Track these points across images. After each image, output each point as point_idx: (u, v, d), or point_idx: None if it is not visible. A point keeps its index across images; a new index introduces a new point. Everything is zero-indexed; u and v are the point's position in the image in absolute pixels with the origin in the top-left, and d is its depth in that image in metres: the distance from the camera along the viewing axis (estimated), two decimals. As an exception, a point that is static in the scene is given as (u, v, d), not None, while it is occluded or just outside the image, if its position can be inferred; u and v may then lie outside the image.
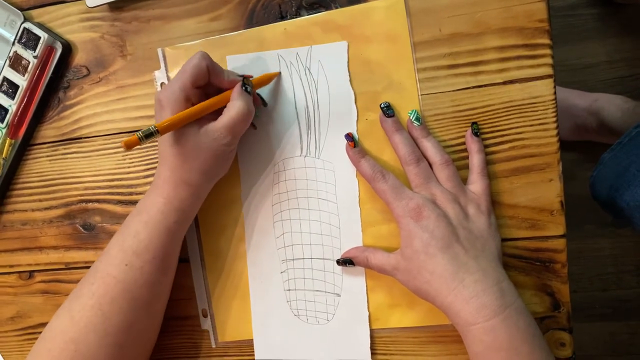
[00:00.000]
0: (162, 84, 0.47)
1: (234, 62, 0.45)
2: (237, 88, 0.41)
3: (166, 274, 0.43)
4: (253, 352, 0.47)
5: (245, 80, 0.42)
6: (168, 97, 0.39)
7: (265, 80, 0.44)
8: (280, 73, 0.45)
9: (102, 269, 0.41)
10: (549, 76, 0.42)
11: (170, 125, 0.37)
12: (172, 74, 0.47)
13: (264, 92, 0.45)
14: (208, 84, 0.41)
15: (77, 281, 0.50)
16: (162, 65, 0.47)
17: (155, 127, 0.36)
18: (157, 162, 0.48)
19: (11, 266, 0.52)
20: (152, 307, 0.43)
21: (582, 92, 0.95)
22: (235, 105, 0.40)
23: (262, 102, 0.45)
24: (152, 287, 0.42)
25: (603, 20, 0.99)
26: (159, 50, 0.47)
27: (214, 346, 0.48)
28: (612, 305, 1.02)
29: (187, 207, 0.42)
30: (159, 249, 0.41)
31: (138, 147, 0.47)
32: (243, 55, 0.45)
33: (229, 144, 0.41)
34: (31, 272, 0.52)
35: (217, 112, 0.41)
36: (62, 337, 0.40)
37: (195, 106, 0.39)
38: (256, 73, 0.45)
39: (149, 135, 0.35)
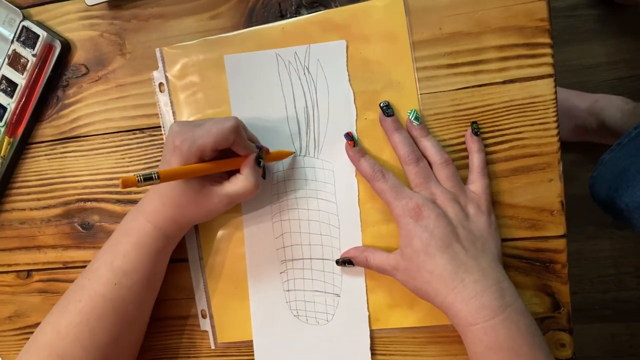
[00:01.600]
0: (160, 84, 0.47)
1: (232, 61, 0.45)
2: (251, 162, 0.41)
3: (152, 291, 0.45)
4: (252, 353, 0.47)
5: (260, 153, 0.41)
6: (183, 149, 0.39)
7: (279, 157, 0.44)
8: (295, 153, 0.45)
9: (89, 287, 0.42)
10: (549, 75, 0.41)
11: (173, 176, 0.37)
12: (170, 74, 0.47)
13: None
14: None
15: (74, 280, 0.50)
16: (160, 65, 0.47)
17: (157, 174, 0.35)
18: (156, 161, 0.48)
19: (9, 265, 0.52)
20: (138, 321, 0.45)
21: (583, 93, 0.95)
22: (245, 181, 0.40)
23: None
24: (139, 304, 0.43)
25: (603, 21, 0.99)
26: (157, 50, 0.47)
27: (213, 347, 0.48)
28: (612, 306, 1.02)
29: (174, 235, 0.43)
30: (147, 269, 0.42)
31: (135, 152, 0.48)
32: (241, 54, 0.45)
33: (223, 209, 0.42)
34: (29, 271, 0.52)
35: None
36: (49, 351, 0.40)
37: (204, 165, 0.39)
38: (255, 73, 0.45)
39: (148, 179, 0.35)
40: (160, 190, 0.41)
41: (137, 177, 0.34)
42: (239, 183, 0.40)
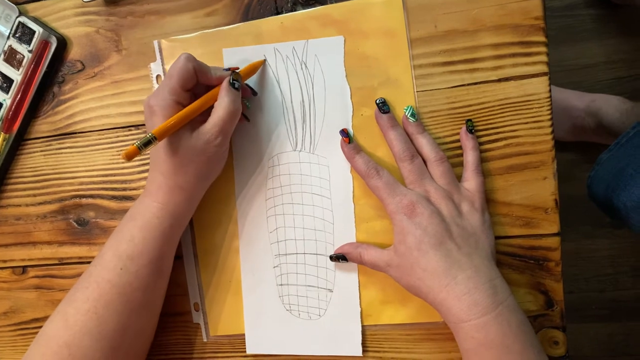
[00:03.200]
0: (157, 76, 0.47)
1: (230, 55, 0.45)
2: (224, 85, 0.41)
3: (161, 276, 0.44)
4: (245, 346, 0.47)
5: (233, 74, 0.41)
6: (158, 103, 0.39)
7: (252, 70, 0.44)
8: (265, 60, 0.45)
9: (96, 274, 0.41)
10: (544, 74, 0.42)
11: (165, 130, 0.37)
12: (168, 67, 0.47)
13: (254, 83, 0.45)
14: (196, 84, 0.41)
15: (70, 277, 0.51)
16: (158, 57, 0.47)
17: (152, 134, 0.36)
18: (151, 157, 0.48)
19: (4, 261, 0.52)
20: (147, 309, 0.43)
21: (580, 92, 0.95)
22: (222, 104, 0.40)
23: (252, 91, 0.45)
24: (147, 290, 0.42)
25: (601, 21, 0.99)
26: (155, 43, 0.47)
27: (205, 340, 0.48)
28: (609, 306, 1.02)
29: (181, 211, 0.42)
30: (154, 253, 0.41)
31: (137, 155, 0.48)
32: (239, 48, 0.45)
33: (220, 144, 0.41)
34: (24, 267, 0.52)
35: (207, 113, 0.41)
36: (56, 342, 0.40)
37: (186, 108, 0.39)
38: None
39: (147, 143, 0.36)
40: (157, 164, 0.41)
41: (137, 144, 0.35)
42: (219, 109, 0.40)
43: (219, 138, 0.40)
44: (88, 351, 0.39)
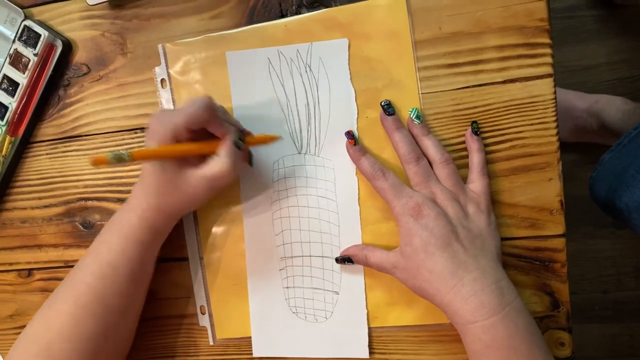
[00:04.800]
0: (162, 80, 0.47)
1: (234, 58, 0.45)
2: (227, 144, 0.39)
3: (140, 285, 0.44)
4: (251, 349, 0.47)
5: (240, 135, 0.40)
6: (158, 130, 0.39)
7: (263, 140, 0.43)
8: (280, 137, 0.44)
9: (76, 278, 0.42)
10: (549, 75, 0.42)
11: (143, 156, 0.37)
12: (173, 71, 0.47)
13: (253, 91, 0.45)
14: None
15: (76, 279, 0.50)
16: (163, 61, 0.47)
17: (128, 152, 0.35)
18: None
19: (10, 264, 0.52)
20: (125, 315, 0.44)
21: (582, 93, 0.95)
22: (219, 163, 0.39)
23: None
24: (125, 297, 0.43)
25: (603, 21, 0.99)
26: (160, 47, 0.47)
27: (211, 343, 0.48)
28: (612, 307, 1.02)
29: (161, 228, 0.43)
30: (133, 262, 0.42)
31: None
32: (243, 51, 0.45)
33: (204, 195, 0.41)
34: (30, 270, 0.52)
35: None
36: (37, 344, 0.40)
37: (178, 146, 0.39)
38: (257, 70, 0.45)
39: (119, 159, 0.35)
40: (143, 180, 0.41)
41: (109, 155, 0.34)
42: (215, 165, 0.39)
43: (205, 190, 0.40)
44: (67, 353, 0.40)
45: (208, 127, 0.40)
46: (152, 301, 0.48)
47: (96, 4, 0.47)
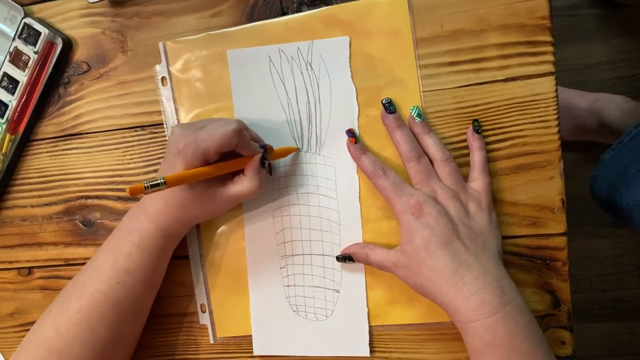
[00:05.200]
0: (162, 78, 0.47)
1: (235, 56, 0.45)
2: (255, 163, 0.41)
3: (153, 288, 0.45)
4: (252, 348, 0.47)
5: (265, 153, 0.42)
6: (187, 151, 0.39)
7: (283, 153, 0.44)
8: (299, 149, 0.45)
9: (90, 285, 0.42)
10: (550, 73, 0.42)
11: (179, 181, 0.37)
12: (173, 69, 0.47)
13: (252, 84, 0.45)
14: None
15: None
16: (163, 59, 0.47)
17: (164, 179, 0.36)
18: (157, 158, 0.48)
19: (10, 262, 0.52)
20: (137, 318, 0.45)
21: (583, 92, 0.95)
22: (249, 182, 0.41)
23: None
24: (139, 302, 0.44)
25: (604, 20, 0.99)
26: (160, 45, 0.47)
27: (212, 342, 0.48)
28: (612, 305, 1.02)
29: (176, 235, 0.44)
30: (149, 268, 0.42)
31: (136, 150, 0.49)
32: (244, 49, 0.45)
33: (228, 208, 0.43)
34: (30, 268, 0.52)
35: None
36: (47, 349, 0.40)
37: (209, 168, 0.39)
38: (258, 68, 0.45)
39: (155, 186, 0.35)
40: (164, 193, 0.41)
41: (145, 184, 0.34)
42: (244, 184, 0.41)
43: (229, 206, 0.42)
44: (79, 358, 0.40)
45: (236, 149, 0.40)
46: (153, 299, 0.48)
47: (96, 2, 0.47)
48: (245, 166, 0.41)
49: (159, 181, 0.35)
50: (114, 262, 0.42)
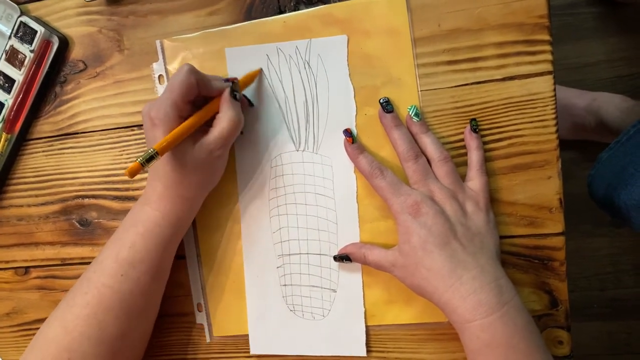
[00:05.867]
0: (159, 76, 0.47)
1: (233, 55, 0.45)
2: (226, 97, 0.41)
3: (160, 282, 0.44)
4: (249, 347, 0.47)
5: (234, 86, 0.41)
6: (159, 116, 0.38)
7: (249, 79, 0.44)
8: (261, 70, 0.45)
9: (95, 279, 0.41)
10: (548, 72, 0.41)
11: (168, 145, 0.37)
12: (171, 67, 0.46)
13: (253, 89, 0.45)
14: (197, 96, 0.41)
15: (73, 277, 0.50)
16: (161, 57, 0.47)
17: (154, 149, 0.36)
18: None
19: (7, 262, 0.52)
20: (145, 314, 0.44)
21: (581, 91, 0.95)
22: (226, 116, 0.40)
23: (249, 103, 0.45)
24: (146, 295, 0.42)
25: (602, 19, 0.99)
26: (158, 42, 0.46)
27: (208, 341, 0.48)
28: (610, 304, 1.02)
29: (183, 220, 0.43)
30: (154, 260, 0.41)
31: (133, 149, 0.47)
32: (242, 47, 0.45)
33: (222, 155, 0.41)
34: (27, 267, 0.52)
35: (207, 122, 0.41)
36: (56, 347, 0.40)
37: (188, 121, 0.39)
38: (256, 66, 0.45)
39: (150, 159, 0.35)
40: (158, 174, 0.41)
41: (140, 161, 0.35)
42: (222, 121, 0.40)
43: (222, 149, 0.40)
44: (88, 356, 0.40)
45: (201, 91, 0.40)
46: (150, 299, 0.48)
47: (93, 0, 0.47)
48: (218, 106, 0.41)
49: (151, 153, 0.35)
50: (118, 254, 0.41)
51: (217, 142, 0.40)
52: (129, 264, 0.41)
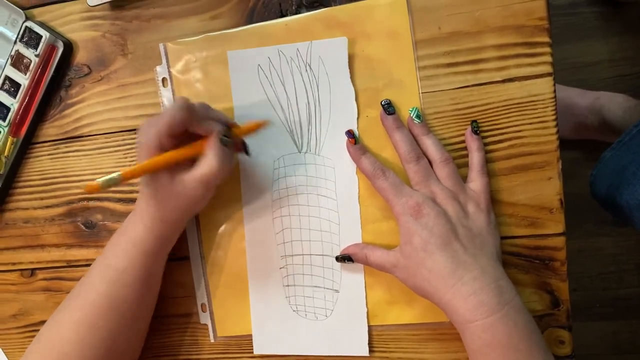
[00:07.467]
0: (163, 79, 0.47)
1: (235, 57, 0.46)
2: (212, 141, 0.39)
3: (150, 291, 0.45)
4: (252, 347, 0.47)
5: (224, 131, 0.40)
6: (142, 141, 0.39)
7: (253, 128, 0.42)
8: (270, 121, 0.44)
9: (90, 285, 0.42)
10: (548, 74, 0.42)
11: (134, 174, 0.37)
12: (174, 70, 0.47)
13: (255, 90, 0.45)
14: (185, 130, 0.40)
15: (78, 279, 0.50)
16: (164, 60, 0.47)
17: (119, 173, 0.36)
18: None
19: (13, 264, 0.53)
20: (136, 321, 0.45)
21: (584, 90, 0.95)
22: (207, 162, 0.39)
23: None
24: (137, 302, 0.43)
25: (604, 18, 0.99)
26: (161, 46, 0.47)
27: (212, 341, 0.48)
28: (613, 304, 1.02)
29: (166, 237, 0.43)
30: (143, 268, 0.42)
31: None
32: (244, 50, 0.45)
33: (203, 195, 0.41)
34: (33, 269, 0.52)
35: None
36: (50, 350, 0.41)
37: (163, 156, 0.38)
38: (257, 69, 0.45)
39: (110, 181, 0.35)
40: (142, 192, 0.42)
41: (99, 182, 0.35)
42: (204, 166, 0.39)
43: (200, 190, 0.40)
44: (83, 359, 0.41)
45: (190, 128, 0.39)
46: (154, 300, 0.48)
47: (97, 5, 0.48)
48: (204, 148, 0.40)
49: (115, 176, 0.35)
50: (110, 260, 0.42)
51: (194, 183, 0.39)
52: (119, 270, 0.42)
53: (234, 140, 0.41)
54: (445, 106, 0.43)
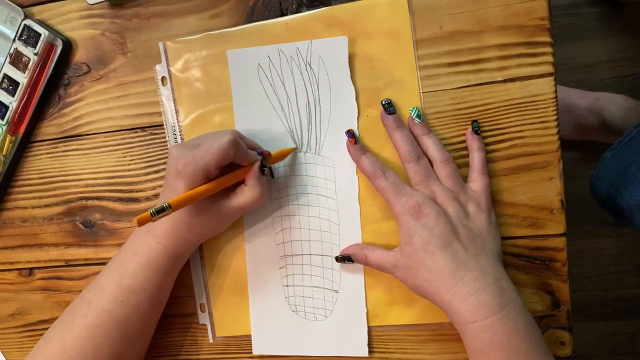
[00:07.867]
0: (162, 78, 0.47)
1: (235, 56, 0.45)
2: (255, 172, 0.41)
3: (159, 307, 0.46)
4: (252, 347, 0.47)
5: (264, 161, 0.42)
6: (187, 171, 0.38)
7: (281, 156, 0.44)
8: (296, 148, 0.45)
9: (96, 303, 0.42)
10: (549, 74, 0.41)
11: (184, 202, 0.37)
12: (173, 68, 0.47)
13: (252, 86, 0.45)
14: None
15: (77, 278, 0.51)
16: (163, 59, 0.47)
17: (169, 203, 0.36)
18: (157, 159, 0.48)
19: (11, 263, 0.52)
20: (142, 336, 0.45)
21: (584, 91, 0.95)
22: (251, 192, 0.41)
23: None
24: (145, 320, 0.44)
25: (604, 19, 0.99)
26: (160, 44, 0.47)
27: (211, 341, 0.48)
28: (612, 304, 1.02)
29: (183, 256, 0.44)
30: (155, 287, 0.43)
31: (136, 151, 0.47)
32: (243, 49, 0.45)
33: (234, 220, 0.44)
34: (31, 269, 0.52)
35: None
36: None
37: (211, 184, 0.39)
38: (257, 68, 0.45)
39: (161, 211, 0.36)
40: (170, 215, 0.41)
41: (151, 212, 0.35)
42: (246, 194, 0.41)
43: (235, 217, 0.43)
44: None
45: (235, 161, 0.41)
46: (153, 300, 0.48)
47: (96, 3, 0.47)
48: (245, 176, 0.41)
49: (164, 206, 0.36)
50: (120, 281, 0.42)
51: (234, 211, 0.41)
52: (131, 291, 0.42)
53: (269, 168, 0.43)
54: (446, 106, 0.43)
